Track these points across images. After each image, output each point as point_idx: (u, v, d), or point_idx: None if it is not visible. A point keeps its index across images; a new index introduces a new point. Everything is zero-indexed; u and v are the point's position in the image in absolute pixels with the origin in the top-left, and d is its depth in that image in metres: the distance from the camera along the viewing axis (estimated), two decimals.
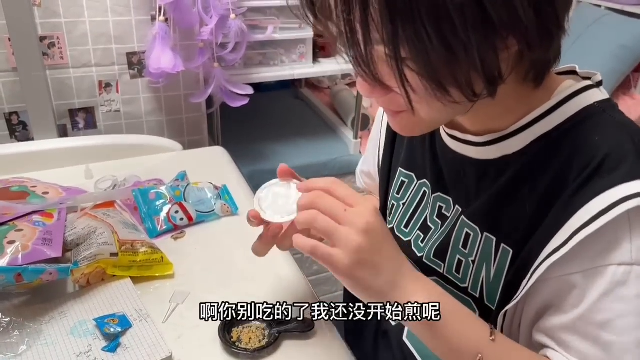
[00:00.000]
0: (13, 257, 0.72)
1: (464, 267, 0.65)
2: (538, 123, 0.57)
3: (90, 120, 1.32)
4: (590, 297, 0.51)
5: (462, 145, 0.63)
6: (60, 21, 1.20)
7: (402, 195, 0.75)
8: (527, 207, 0.57)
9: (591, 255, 0.51)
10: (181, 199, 0.96)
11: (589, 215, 0.51)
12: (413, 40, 0.45)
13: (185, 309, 0.76)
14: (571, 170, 0.54)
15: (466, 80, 0.48)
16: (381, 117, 0.82)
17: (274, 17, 1.50)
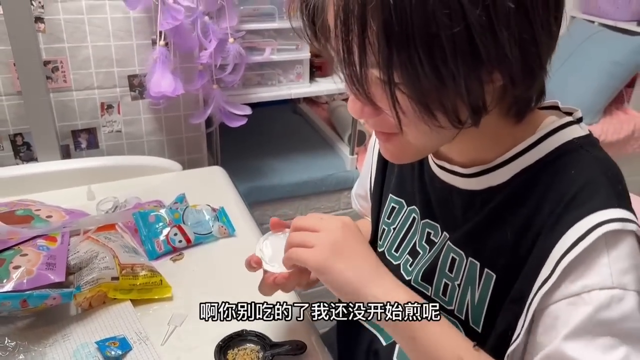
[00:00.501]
0: (18, 282, 0.75)
1: (450, 290, 0.68)
2: (522, 157, 0.60)
3: (92, 141, 1.36)
4: (573, 322, 0.53)
5: (449, 176, 0.67)
6: (64, 46, 1.24)
7: (393, 221, 0.78)
8: (508, 235, 0.60)
9: (574, 282, 0.53)
10: (180, 221, 0.99)
11: (568, 243, 0.53)
12: (406, 65, 0.48)
13: (183, 331, 0.79)
14: (548, 202, 0.57)
15: (452, 107, 0.51)
16: (373, 144, 0.85)
17: (272, 39, 1.53)
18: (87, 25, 1.24)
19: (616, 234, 0.53)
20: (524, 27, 0.48)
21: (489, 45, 0.47)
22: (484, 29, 0.46)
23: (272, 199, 1.71)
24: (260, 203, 1.67)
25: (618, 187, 0.57)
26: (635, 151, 2.33)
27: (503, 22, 0.46)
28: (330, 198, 1.81)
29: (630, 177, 2.32)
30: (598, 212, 0.54)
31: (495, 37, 0.47)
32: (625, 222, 0.53)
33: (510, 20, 0.47)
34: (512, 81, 0.51)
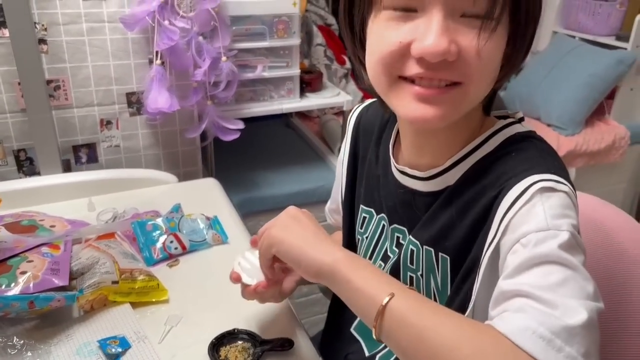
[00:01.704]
0: (25, 286, 0.80)
1: (415, 282, 0.73)
2: (472, 155, 0.67)
3: (92, 155, 1.42)
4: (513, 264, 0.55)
5: (411, 180, 0.72)
6: (66, 66, 1.31)
7: (365, 230, 0.84)
8: (454, 215, 0.66)
9: (514, 232, 0.57)
10: (176, 229, 1.05)
11: (508, 203, 0.59)
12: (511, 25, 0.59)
13: (179, 331, 0.84)
14: (492, 181, 0.63)
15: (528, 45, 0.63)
16: (342, 160, 0.89)
17: (263, 57, 1.60)
18: (87, 46, 1.31)
19: (550, 190, 0.58)
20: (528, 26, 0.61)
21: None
22: None
23: (265, 210, 1.76)
24: (253, 213, 1.73)
25: (554, 162, 0.63)
26: (617, 160, 2.40)
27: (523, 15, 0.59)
28: (321, 208, 1.83)
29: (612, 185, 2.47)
30: (534, 175, 0.59)
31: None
32: (558, 183, 0.59)
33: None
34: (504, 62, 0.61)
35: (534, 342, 0.48)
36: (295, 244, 0.65)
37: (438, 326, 0.52)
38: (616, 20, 2.46)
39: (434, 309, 0.55)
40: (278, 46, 1.60)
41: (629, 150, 2.42)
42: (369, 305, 0.56)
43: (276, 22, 1.56)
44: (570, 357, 0.47)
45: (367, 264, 0.62)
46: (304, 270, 0.64)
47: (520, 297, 0.52)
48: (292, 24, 1.58)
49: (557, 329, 0.48)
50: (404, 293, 0.56)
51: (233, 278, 0.78)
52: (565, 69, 2.40)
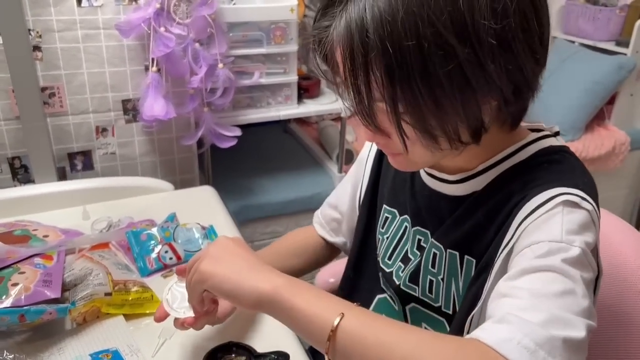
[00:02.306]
0: (16, 299, 0.79)
1: (435, 286, 0.73)
2: (503, 162, 0.67)
3: (87, 162, 1.41)
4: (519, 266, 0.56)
5: (438, 183, 0.73)
6: (60, 73, 1.30)
7: (386, 230, 0.83)
8: (482, 219, 0.66)
9: (527, 238, 0.58)
10: (171, 239, 1.04)
11: (529, 210, 0.59)
12: (409, 100, 0.56)
13: (173, 344, 0.83)
14: (519, 188, 0.63)
15: (454, 131, 0.58)
16: (365, 161, 0.90)
17: (260, 64, 1.60)
18: (82, 53, 1.30)
19: (573, 205, 0.58)
20: (508, 59, 0.55)
21: (480, 77, 0.55)
22: (473, 65, 0.54)
23: (262, 217, 1.76)
24: (250, 221, 1.72)
25: (584, 179, 0.63)
26: (617, 166, 2.39)
27: (489, 57, 0.54)
28: None
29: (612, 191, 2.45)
30: (560, 187, 0.60)
31: (484, 70, 0.55)
32: (583, 200, 0.59)
33: (495, 55, 0.54)
34: (505, 102, 0.59)
35: (519, 352, 0.47)
36: (227, 276, 0.61)
37: (396, 340, 0.51)
38: (616, 25, 2.45)
39: (389, 324, 0.54)
40: (275, 52, 1.59)
41: (629, 156, 2.41)
42: (319, 329, 0.54)
43: (273, 29, 1.55)
44: None
45: (309, 287, 0.59)
46: (240, 302, 0.61)
47: (511, 299, 0.53)
48: (290, 30, 1.57)
49: (541, 340, 0.48)
50: (354, 311, 0.55)
51: (156, 317, 0.74)
52: (565, 75, 2.39)
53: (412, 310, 0.78)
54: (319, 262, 1.02)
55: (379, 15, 0.53)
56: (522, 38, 0.55)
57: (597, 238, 0.60)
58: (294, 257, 0.98)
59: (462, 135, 0.59)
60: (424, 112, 0.56)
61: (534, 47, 0.57)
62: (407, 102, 0.56)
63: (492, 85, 0.56)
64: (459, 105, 0.56)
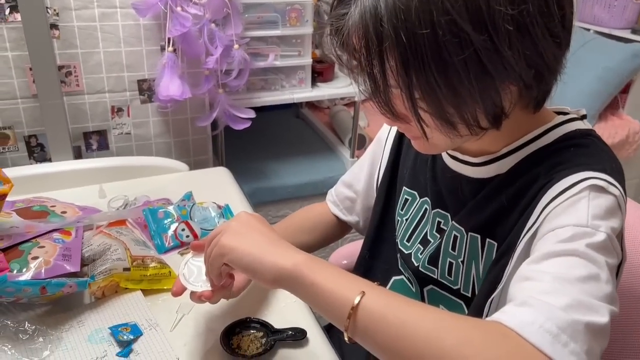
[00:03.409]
0: (37, 272, 0.79)
1: (455, 268, 0.73)
2: (528, 145, 0.66)
3: (103, 142, 1.41)
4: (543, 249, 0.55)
5: (460, 165, 0.72)
6: (77, 52, 1.30)
7: (406, 212, 0.83)
8: (505, 202, 0.65)
9: (552, 222, 0.57)
10: (187, 217, 1.04)
11: (555, 193, 0.59)
12: (425, 88, 0.55)
13: (190, 319, 0.83)
14: (544, 171, 0.63)
15: (472, 117, 0.58)
16: (384, 141, 0.90)
17: (275, 46, 1.59)
18: (99, 32, 1.30)
19: (600, 190, 0.58)
20: (526, 44, 0.54)
21: (497, 64, 0.54)
22: (489, 51, 0.53)
23: (274, 200, 1.76)
24: (262, 204, 1.72)
25: (612, 164, 0.62)
26: (630, 155, 2.37)
27: (505, 43, 0.53)
28: None
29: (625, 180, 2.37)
30: (587, 172, 0.59)
31: (501, 56, 0.53)
32: (610, 185, 0.58)
33: (512, 40, 0.53)
34: (526, 86, 0.58)
35: (541, 335, 0.47)
36: (248, 251, 0.61)
37: (417, 319, 0.51)
38: (632, 13, 2.42)
39: (409, 303, 0.54)
40: (290, 35, 1.59)
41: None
42: (339, 306, 0.54)
43: (289, 10, 1.54)
44: (575, 354, 0.47)
45: (329, 265, 0.59)
46: (260, 277, 0.61)
47: (534, 282, 0.52)
48: (305, 12, 1.56)
49: (564, 324, 0.48)
50: (375, 290, 0.55)
51: (173, 292, 0.74)
52: (579, 63, 2.36)
53: (430, 292, 0.78)
54: (329, 239, 1.02)
55: (393, 3, 0.52)
56: (541, 22, 0.54)
57: (622, 224, 0.59)
58: (305, 233, 0.99)
59: (481, 121, 0.59)
60: (441, 99, 0.56)
61: (554, 31, 0.56)
62: (422, 90, 0.55)
63: (511, 71, 0.55)
64: (476, 93, 0.55)
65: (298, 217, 1.03)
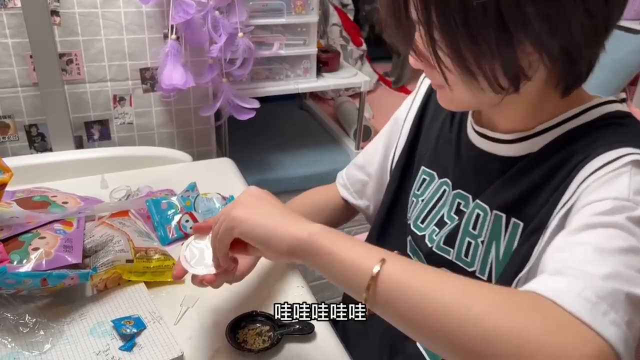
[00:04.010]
0: (37, 263, 0.77)
1: (472, 249, 0.70)
2: (564, 124, 0.64)
3: (104, 132, 1.39)
4: (581, 221, 0.53)
5: (489, 143, 0.70)
6: (78, 39, 1.27)
7: (422, 192, 0.81)
8: (537, 180, 0.63)
9: (590, 195, 0.55)
10: (191, 208, 1.02)
11: (594, 167, 0.57)
12: (444, 28, 0.54)
13: (195, 312, 0.82)
14: (582, 146, 0.60)
15: (491, 71, 0.56)
16: (402, 121, 0.88)
17: (280, 34, 1.56)
18: (100, 19, 1.27)
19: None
20: (550, 3, 0.51)
21: (516, 18, 0.51)
22: (511, 2, 0.51)
23: (278, 192, 1.71)
24: None
25: None
26: None
27: None
28: None
29: None
30: (628, 147, 0.57)
31: (522, 10, 0.51)
32: None
33: None
34: (550, 59, 0.55)
35: (579, 303, 0.45)
36: (261, 222, 0.59)
37: (443, 286, 0.49)
38: None
39: (432, 271, 0.52)
40: (295, 23, 1.56)
41: None
42: (358, 276, 0.52)
43: None
44: (615, 324, 0.45)
45: (345, 235, 0.57)
46: (274, 249, 0.58)
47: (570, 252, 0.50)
48: (311, 0, 1.53)
49: (603, 292, 0.46)
50: (395, 258, 0.53)
51: (174, 275, 0.72)
52: None
53: None
54: (335, 223, 1.00)
55: None
56: None
57: None
58: (312, 214, 0.95)
59: (499, 77, 0.56)
60: (459, 43, 0.54)
61: (589, 3, 0.52)
62: (442, 29, 0.54)
63: (530, 30, 0.52)
64: (492, 42, 0.53)
65: (305, 198, 1.01)
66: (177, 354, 0.74)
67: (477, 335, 0.45)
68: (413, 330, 0.51)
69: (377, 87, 2.37)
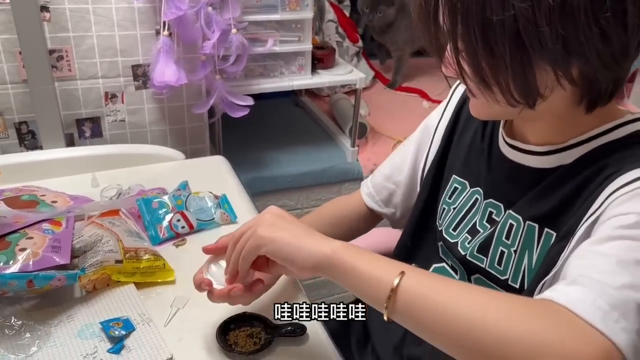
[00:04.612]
0: (24, 264, 0.76)
1: (505, 258, 0.71)
2: (597, 139, 0.65)
3: (96, 130, 1.37)
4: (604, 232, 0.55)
5: (521, 155, 0.71)
6: (69, 35, 1.25)
7: (454, 201, 0.82)
8: (569, 192, 0.64)
9: (616, 208, 0.56)
10: (183, 208, 1.01)
11: (623, 181, 0.58)
12: (465, 38, 0.56)
13: (185, 314, 0.81)
14: (614, 161, 0.61)
15: (506, 85, 0.57)
16: (433, 129, 0.89)
17: (274, 31, 1.54)
18: (91, 14, 1.25)
19: None
20: (566, 26, 0.52)
21: (532, 36, 0.53)
22: (527, 21, 0.52)
23: (273, 190, 1.73)
24: (261, 194, 1.69)
25: None
26: None
27: (545, 17, 0.52)
28: (331, 189, 1.82)
29: None
30: None
31: (538, 30, 0.52)
32: None
33: (552, 17, 0.52)
34: (565, 77, 0.56)
35: (592, 311, 0.48)
36: (287, 240, 0.64)
37: (459, 296, 0.54)
38: None
39: (450, 281, 0.58)
40: (290, 19, 1.54)
41: None
42: (379, 288, 0.57)
43: None
44: (626, 331, 0.48)
45: (366, 250, 0.62)
46: (300, 266, 0.63)
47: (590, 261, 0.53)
48: None
49: (616, 302, 0.49)
50: (414, 271, 0.57)
51: (204, 284, 0.73)
52: None
53: (476, 280, 0.77)
54: (358, 232, 1.01)
55: None
56: (588, 8, 0.52)
57: None
58: (335, 226, 0.97)
59: (515, 92, 0.58)
60: (478, 55, 0.56)
61: (602, 24, 0.53)
62: (463, 40, 0.57)
63: (545, 49, 0.54)
64: (508, 58, 0.55)
65: (327, 209, 1.02)
66: (167, 356, 0.72)
67: (491, 342, 0.49)
68: (431, 338, 0.55)
69: (374, 84, 2.35)
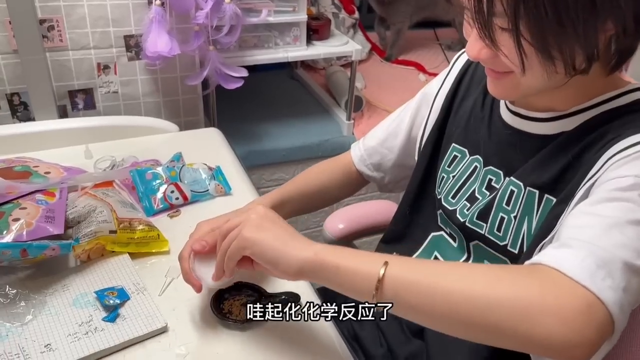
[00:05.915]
0: (18, 234, 0.76)
1: (505, 224, 0.72)
2: (600, 106, 0.65)
3: (89, 101, 1.36)
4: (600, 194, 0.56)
5: (524, 122, 0.72)
6: (59, 4, 1.23)
7: (453, 169, 0.82)
8: (571, 158, 0.65)
9: (614, 171, 0.58)
10: (177, 179, 1.01)
11: (623, 146, 0.59)
12: (532, 14, 0.55)
13: (180, 283, 0.80)
14: (616, 127, 0.62)
15: (570, 53, 0.57)
16: (433, 97, 0.89)
17: (268, 1, 1.52)
18: None
19: None
20: None
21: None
22: None
23: (268, 163, 1.72)
24: (256, 167, 1.68)
25: None
26: None
27: None
28: None
29: None
30: None
31: None
32: None
33: None
34: (624, 30, 0.58)
35: (580, 270, 0.50)
36: (270, 244, 0.63)
37: (445, 274, 0.55)
38: None
39: (433, 263, 0.61)
40: None
41: None
42: (365, 281, 0.57)
43: None
44: (612, 288, 0.49)
45: (347, 248, 0.62)
46: (282, 270, 0.62)
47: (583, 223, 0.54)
48: None
49: (603, 261, 0.50)
50: (397, 259, 0.57)
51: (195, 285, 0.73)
52: None
53: (475, 247, 0.78)
54: (344, 196, 1.02)
55: None
56: None
57: None
58: (324, 186, 0.97)
59: (577, 59, 0.58)
60: (546, 28, 0.55)
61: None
62: (530, 18, 0.55)
63: (616, 8, 0.55)
64: (580, 26, 0.55)
65: (317, 170, 1.01)
66: (161, 324, 0.73)
67: (482, 308, 0.51)
68: (425, 319, 0.56)
69: (370, 56, 2.33)
